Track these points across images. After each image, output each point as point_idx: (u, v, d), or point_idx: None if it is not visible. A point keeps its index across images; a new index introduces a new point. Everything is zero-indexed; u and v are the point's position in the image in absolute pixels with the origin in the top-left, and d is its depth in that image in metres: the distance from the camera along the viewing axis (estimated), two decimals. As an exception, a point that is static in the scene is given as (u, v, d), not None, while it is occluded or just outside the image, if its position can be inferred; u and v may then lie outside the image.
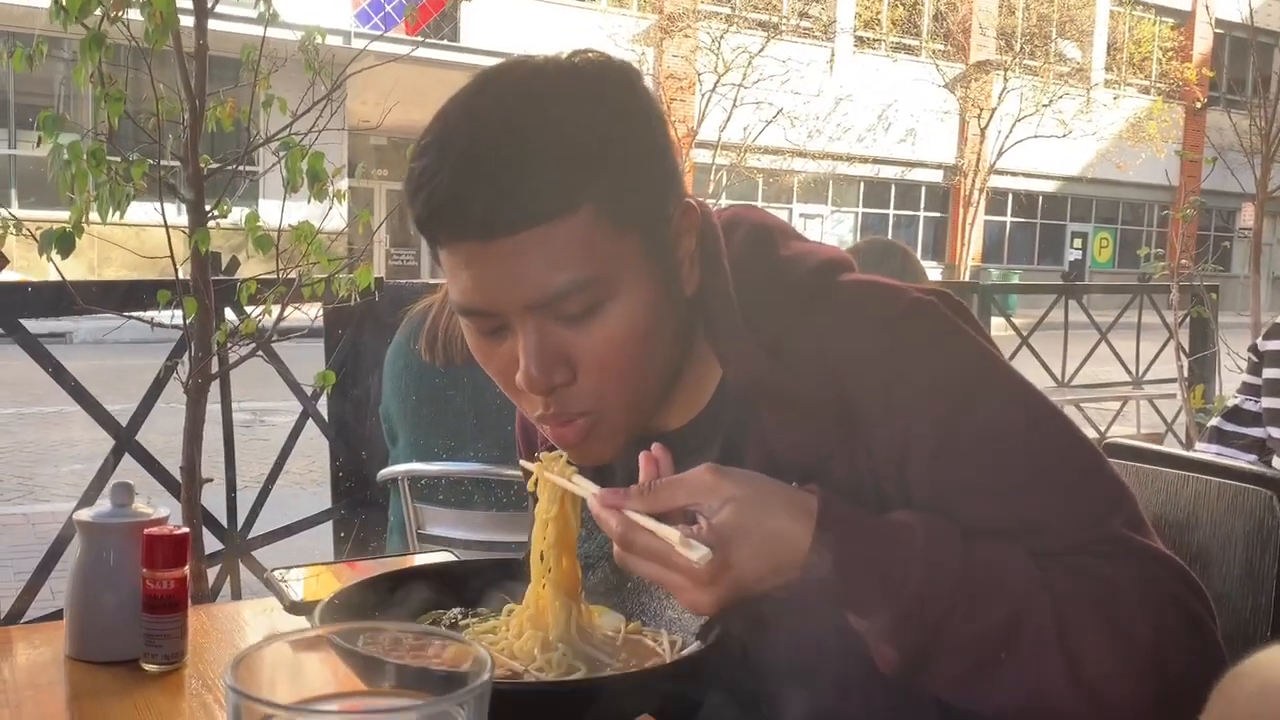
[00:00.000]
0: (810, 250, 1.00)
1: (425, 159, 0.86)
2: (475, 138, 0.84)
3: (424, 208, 0.86)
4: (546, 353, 0.87)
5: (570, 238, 0.84)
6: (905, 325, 0.92)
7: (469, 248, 0.85)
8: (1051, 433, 0.91)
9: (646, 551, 0.83)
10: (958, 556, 0.84)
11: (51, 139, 2.23)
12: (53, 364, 2.78)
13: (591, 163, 0.85)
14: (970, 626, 0.83)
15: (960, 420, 0.89)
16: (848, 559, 0.83)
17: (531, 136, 0.84)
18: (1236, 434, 2.40)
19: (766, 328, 0.94)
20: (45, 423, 6.78)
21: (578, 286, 0.85)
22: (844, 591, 0.84)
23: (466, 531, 2.45)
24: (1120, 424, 6.26)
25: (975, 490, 0.88)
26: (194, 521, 2.49)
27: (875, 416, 0.90)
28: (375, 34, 4.27)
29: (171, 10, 2.12)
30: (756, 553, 0.83)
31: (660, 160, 0.91)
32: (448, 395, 2.33)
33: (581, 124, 0.85)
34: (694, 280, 0.94)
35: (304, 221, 2.54)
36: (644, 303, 0.88)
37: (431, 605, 1.02)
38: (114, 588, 1.12)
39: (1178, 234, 7.15)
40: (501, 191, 0.83)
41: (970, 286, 6.54)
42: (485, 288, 0.86)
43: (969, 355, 0.92)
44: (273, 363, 3.01)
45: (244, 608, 1.51)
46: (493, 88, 0.88)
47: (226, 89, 2.63)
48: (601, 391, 0.89)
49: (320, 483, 4.17)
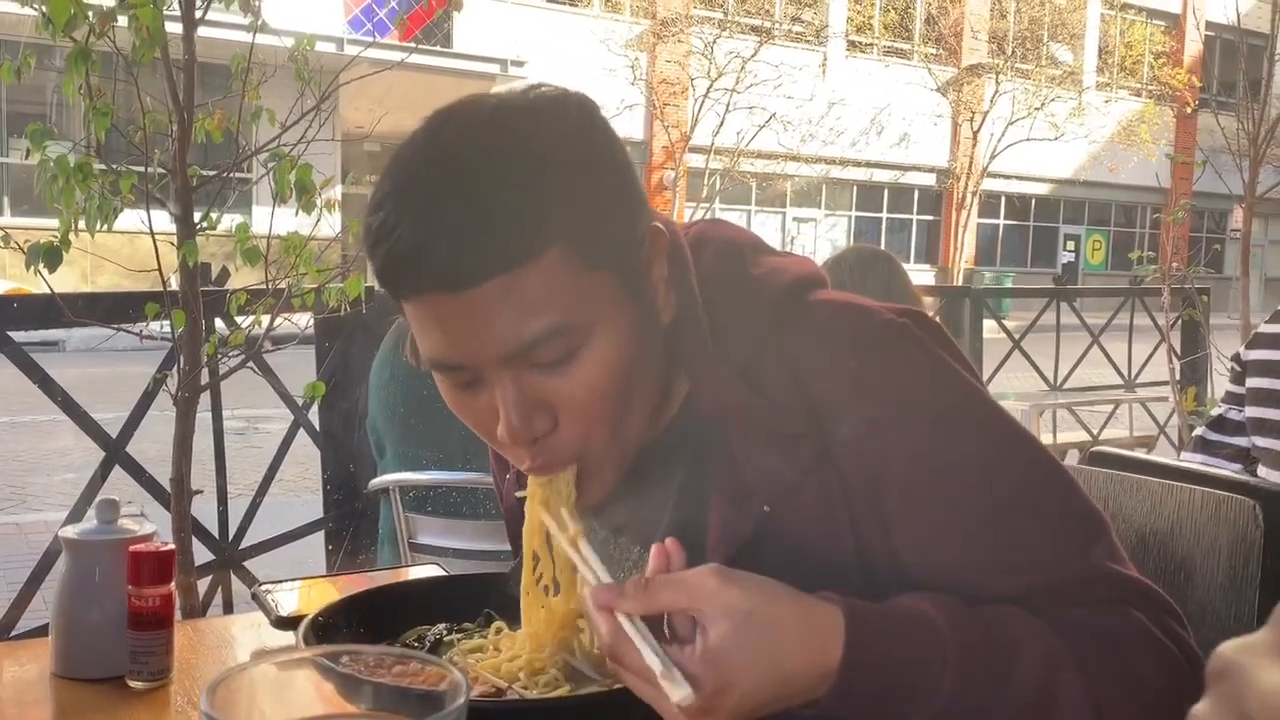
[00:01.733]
0: (780, 266, 0.97)
1: (383, 211, 0.81)
2: (433, 185, 0.81)
3: (384, 261, 0.82)
4: (526, 402, 0.84)
5: (540, 282, 0.81)
6: (877, 349, 0.89)
7: (435, 300, 0.82)
8: (1027, 460, 0.90)
9: (634, 667, 0.78)
10: (980, 634, 0.81)
11: (39, 151, 2.23)
12: (41, 375, 2.77)
13: (555, 202, 0.81)
14: (1005, 704, 0.80)
15: (934, 448, 0.87)
16: (882, 670, 0.78)
17: (491, 180, 0.80)
18: (1221, 443, 2.40)
19: (737, 349, 0.91)
20: (38, 431, 6.77)
21: (553, 333, 0.82)
22: (879, 702, 0.79)
23: (457, 541, 2.45)
24: (1112, 427, 6.26)
25: (952, 520, 0.86)
26: (184, 534, 2.48)
27: (846, 442, 0.88)
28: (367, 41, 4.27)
29: (159, 25, 2.12)
30: (760, 681, 0.76)
31: (624, 189, 0.88)
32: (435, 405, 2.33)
33: (542, 163, 0.82)
34: (670, 306, 0.91)
35: (293, 232, 2.54)
36: (622, 340, 0.85)
37: (417, 621, 1.02)
38: (99, 605, 1.12)
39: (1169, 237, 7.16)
40: (464, 239, 0.79)
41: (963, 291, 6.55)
42: (456, 341, 0.83)
43: (942, 380, 0.90)
44: (263, 373, 3.00)
45: (232, 623, 1.50)
46: (447, 132, 0.84)
47: (216, 99, 2.63)
48: (586, 436, 0.86)
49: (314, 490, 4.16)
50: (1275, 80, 5.45)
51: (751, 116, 19.06)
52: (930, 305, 5.82)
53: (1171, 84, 23.40)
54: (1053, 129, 22.22)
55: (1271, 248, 27.64)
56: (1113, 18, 25.30)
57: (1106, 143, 23.83)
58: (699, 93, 18.89)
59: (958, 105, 22.56)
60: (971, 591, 0.84)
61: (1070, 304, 6.53)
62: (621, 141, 0.90)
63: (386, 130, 10.30)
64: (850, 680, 0.77)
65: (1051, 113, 22.13)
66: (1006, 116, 21.87)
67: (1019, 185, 24.56)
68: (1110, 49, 25.36)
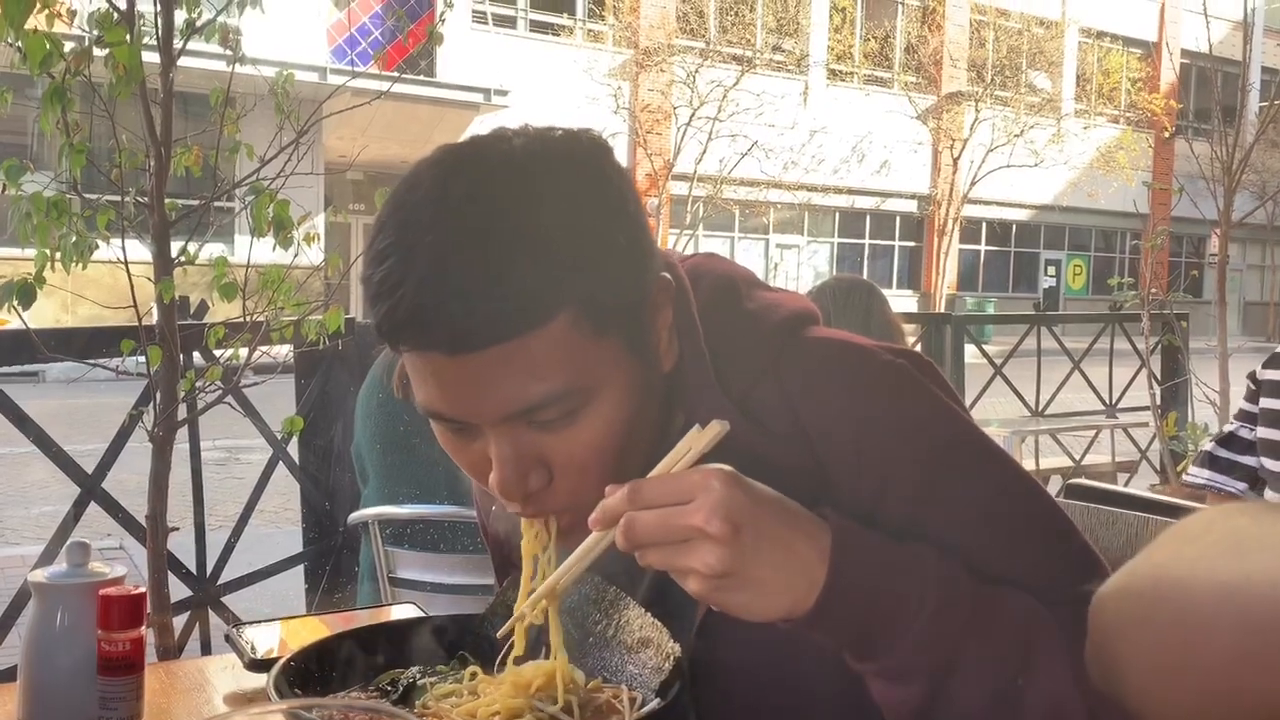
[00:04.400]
0: (776, 302, 0.97)
1: (387, 264, 0.78)
2: (441, 244, 0.78)
3: (386, 317, 0.79)
4: (522, 461, 0.83)
5: (546, 348, 0.79)
6: (876, 388, 0.90)
7: (435, 359, 0.80)
8: (1023, 498, 0.90)
9: (659, 497, 0.77)
10: (966, 575, 0.82)
11: (14, 187, 2.22)
12: (16, 413, 2.75)
13: (566, 267, 0.79)
14: (988, 648, 0.80)
15: (933, 486, 0.87)
16: (866, 584, 0.79)
17: (502, 243, 0.78)
18: (1230, 461, 2.36)
19: (735, 382, 0.91)
20: (15, 463, 6.70)
21: (554, 399, 0.81)
22: (861, 620, 0.79)
23: (437, 575, 2.44)
24: (1094, 452, 6.29)
25: (950, 555, 0.85)
26: (159, 572, 2.46)
27: (843, 480, 0.88)
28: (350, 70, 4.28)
29: (135, 63, 2.11)
30: (772, 550, 0.77)
31: (635, 243, 0.85)
32: (416, 441, 2.32)
33: (555, 224, 0.79)
34: (673, 354, 0.91)
35: (273, 265, 2.53)
36: (624, 400, 0.84)
37: (391, 663, 1.01)
38: (69, 650, 1.10)
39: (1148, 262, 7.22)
40: (472, 305, 0.77)
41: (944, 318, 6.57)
42: (453, 400, 0.82)
43: (939, 420, 0.91)
44: (242, 407, 2.98)
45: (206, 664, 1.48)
46: (456, 185, 0.80)
47: (195, 133, 2.62)
48: (579, 493, 0.85)
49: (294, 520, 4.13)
50: (1248, 107, 5.53)
51: (734, 144, 19.19)
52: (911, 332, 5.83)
53: (1149, 110, 23.68)
54: (1032, 155, 22.45)
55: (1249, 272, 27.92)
56: (1090, 45, 25.61)
57: (1086, 169, 24.07)
58: (682, 121, 19.01)
59: (938, 133, 22.78)
60: None
61: (1051, 329, 6.56)
62: (633, 184, 0.88)
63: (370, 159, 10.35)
64: (838, 578, 0.77)
65: (1031, 139, 22.36)
66: (986, 143, 22.09)
67: (1000, 211, 24.76)
68: (1088, 76, 25.67)
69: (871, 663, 0.82)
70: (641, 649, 0.97)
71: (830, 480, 0.88)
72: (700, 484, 0.76)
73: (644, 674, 0.95)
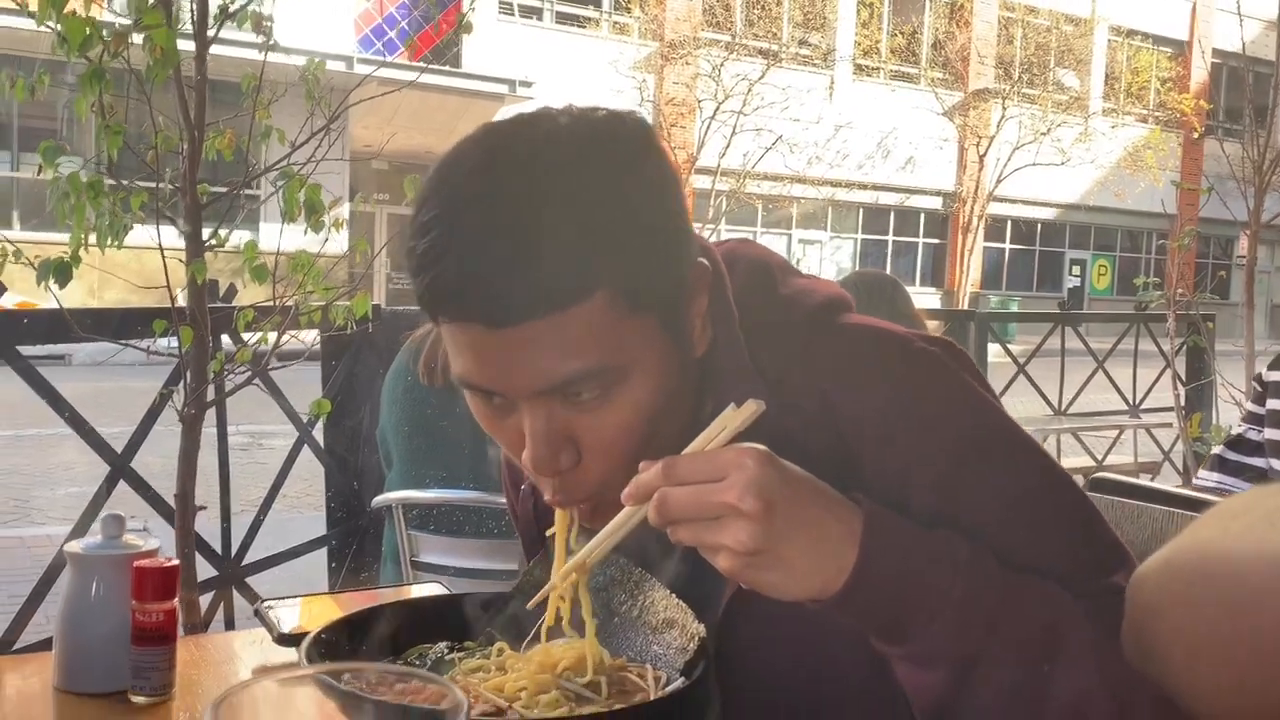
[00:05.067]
0: (809, 288, 0.97)
1: (430, 236, 0.80)
2: (484, 218, 0.79)
3: (427, 288, 0.81)
4: (554, 436, 0.84)
5: (583, 325, 0.80)
6: (908, 376, 0.90)
7: (473, 332, 0.81)
8: (1053, 489, 0.90)
9: (693, 474, 0.77)
10: (995, 563, 0.82)
11: (52, 169, 2.25)
12: (49, 392, 2.79)
13: (608, 245, 0.80)
14: (1015, 635, 0.80)
15: (962, 475, 0.87)
16: (895, 568, 0.78)
17: (544, 220, 0.79)
18: (1239, 463, 2.36)
19: (768, 367, 0.91)
20: (42, 445, 6.78)
21: (589, 375, 0.81)
22: (889, 604, 0.79)
23: (460, 559, 2.46)
24: (1117, 453, 6.26)
25: (979, 543, 0.85)
26: (187, 550, 2.49)
27: (873, 466, 0.88)
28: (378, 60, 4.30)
29: (172, 45, 2.14)
30: (803, 530, 0.77)
31: (675, 227, 0.87)
32: (443, 423, 2.34)
33: (597, 202, 0.80)
34: (705, 340, 0.91)
35: (301, 250, 2.55)
36: (657, 382, 0.85)
37: (419, 639, 1.02)
38: (103, 619, 1.12)
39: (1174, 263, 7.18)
40: (512, 279, 0.78)
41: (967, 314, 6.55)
42: (489, 372, 0.83)
43: (972, 408, 0.91)
44: (269, 390, 3.01)
45: (234, 639, 1.51)
46: (501, 162, 0.82)
47: (227, 117, 2.65)
48: (608, 474, 0.86)
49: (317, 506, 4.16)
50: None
51: (758, 138, 19.13)
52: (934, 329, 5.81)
53: (1178, 109, 23.46)
54: (1059, 154, 22.28)
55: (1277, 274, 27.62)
56: (1119, 44, 25.39)
57: (1113, 168, 23.87)
58: (706, 114, 18.97)
59: (964, 129, 22.63)
60: None
61: (1075, 329, 6.52)
62: (675, 168, 0.90)
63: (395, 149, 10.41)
64: (868, 561, 0.77)
65: (1058, 138, 22.20)
66: (1013, 141, 21.93)
67: (1025, 210, 24.59)
68: (1117, 75, 25.44)
69: (898, 647, 0.82)
70: (666, 630, 0.98)
71: (860, 466, 0.88)
72: (735, 461, 0.76)
73: (668, 654, 0.96)
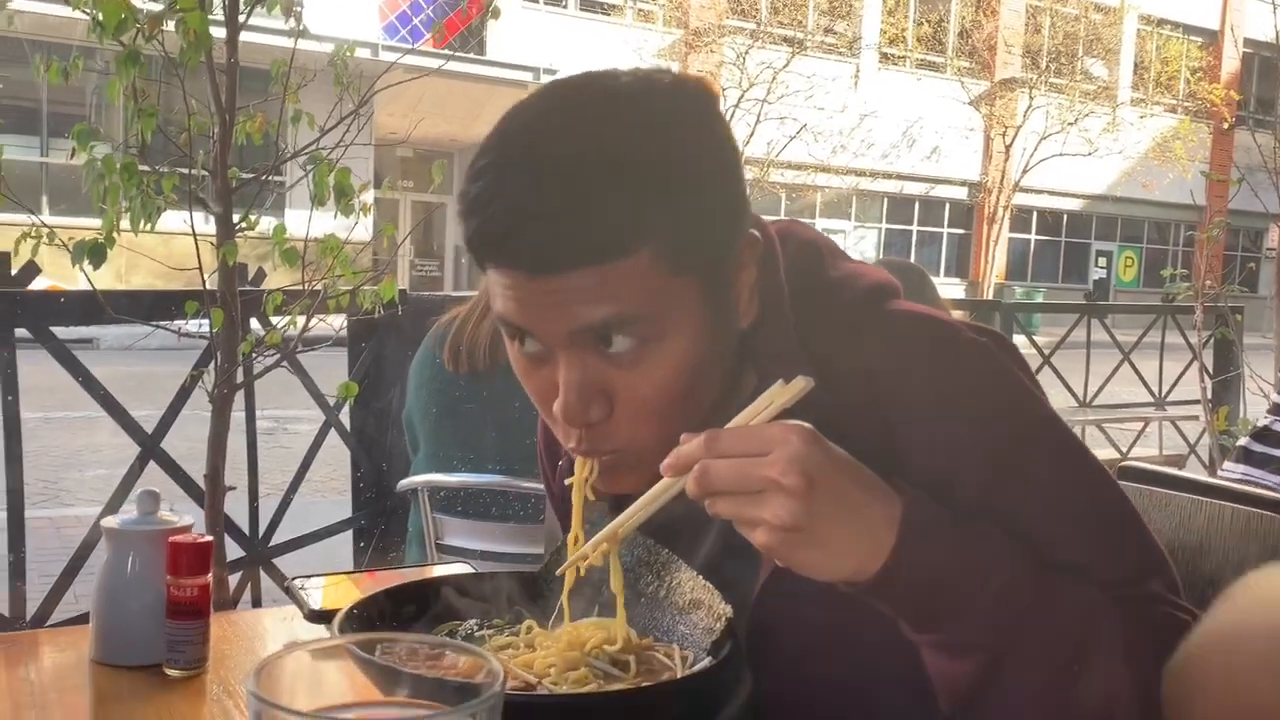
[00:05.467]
0: (858, 272, 0.97)
1: (482, 181, 0.81)
2: (536, 168, 0.80)
3: (476, 233, 0.82)
4: (586, 387, 0.84)
5: (625, 279, 0.80)
6: (957, 365, 0.90)
7: (517, 277, 0.82)
8: (1095, 488, 0.90)
9: (736, 447, 0.77)
10: (1032, 559, 0.82)
11: (86, 152, 2.28)
12: (82, 372, 2.82)
13: (656, 203, 0.80)
14: (1047, 632, 0.80)
15: (1006, 467, 0.87)
16: (932, 555, 0.78)
17: (595, 172, 0.79)
18: (1264, 455, 2.35)
19: (814, 348, 0.91)
20: (71, 428, 6.85)
21: (624, 320, 0.82)
22: (923, 591, 0.79)
23: (485, 543, 2.47)
24: (1142, 445, 6.21)
25: (1018, 539, 0.85)
26: (216, 529, 2.52)
27: (917, 453, 0.87)
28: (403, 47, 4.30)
29: (205, 28, 2.16)
30: (843, 510, 0.77)
31: (728, 195, 0.87)
32: (468, 408, 2.35)
33: (649, 162, 0.81)
34: (751, 313, 0.91)
35: (330, 234, 2.57)
36: (694, 345, 0.85)
37: (448, 616, 1.03)
38: (139, 594, 1.14)
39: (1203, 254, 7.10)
40: (558, 229, 0.79)
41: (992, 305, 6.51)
42: (528, 315, 0.83)
43: (1018, 402, 0.90)
44: (297, 373, 3.04)
45: (264, 615, 1.53)
46: (559, 111, 0.83)
47: (256, 102, 2.67)
48: (636, 432, 0.86)
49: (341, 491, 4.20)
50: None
51: (782, 127, 19.06)
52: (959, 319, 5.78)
53: (1209, 99, 23.18)
54: (1086, 144, 22.08)
55: (1308, 267, 27.26)
56: (1149, 33, 25.10)
57: (1141, 159, 23.63)
58: (730, 103, 18.90)
59: (990, 119, 22.46)
60: None
61: (1101, 320, 6.48)
62: (734, 138, 0.89)
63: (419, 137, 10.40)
64: (907, 546, 0.77)
65: (1085, 128, 21.99)
66: (1040, 131, 21.75)
67: (1051, 200, 24.40)
68: (1146, 64, 25.16)
69: (929, 634, 0.82)
70: (693, 610, 0.98)
71: (904, 453, 0.88)
72: (779, 437, 0.76)
73: (695, 634, 0.97)
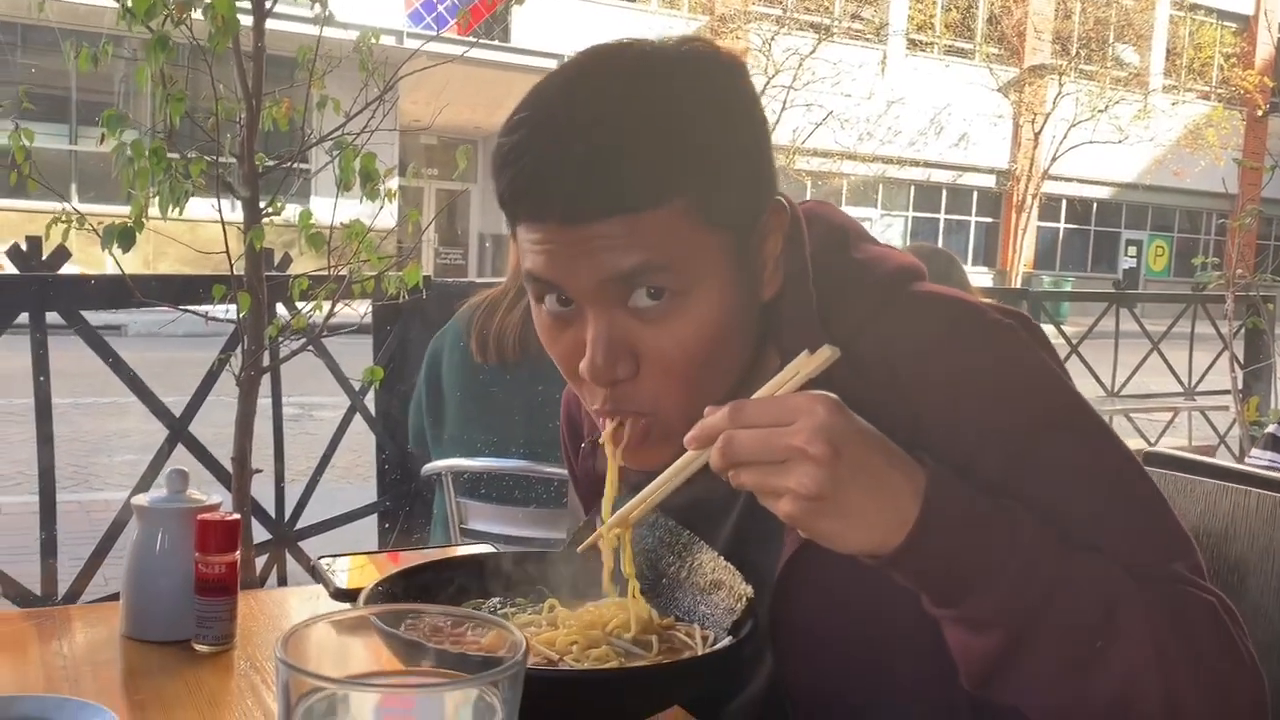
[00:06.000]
0: (884, 254, 0.97)
1: (517, 134, 0.83)
2: (570, 118, 0.82)
3: (509, 185, 0.84)
4: (614, 344, 0.85)
5: (656, 229, 0.82)
6: (983, 345, 0.89)
7: (549, 229, 0.83)
8: (1122, 470, 0.89)
9: (761, 417, 0.77)
10: (1055, 535, 0.81)
11: (115, 137, 2.31)
12: (111, 355, 2.86)
13: (688, 156, 0.82)
14: (1070, 609, 0.79)
15: (1031, 448, 0.87)
16: (955, 529, 0.78)
17: (628, 123, 0.82)
18: None
19: (838, 328, 0.91)
20: (101, 413, 6.93)
21: (654, 269, 0.83)
22: (946, 564, 0.79)
23: (508, 527, 2.49)
24: (1171, 435, 6.16)
25: (1041, 520, 0.85)
26: (243, 510, 2.55)
27: (940, 434, 0.87)
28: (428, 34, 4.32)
29: (232, 14, 2.18)
30: (868, 480, 0.76)
31: (757, 159, 0.89)
32: (494, 392, 2.37)
33: (682, 116, 0.83)
34: (775, 284, 0.92)
35: (355, 220, 2.59)
36: (720, 305, 0.86)
37: (471, 594, 1.05)
38: (168, 571, 1.15)
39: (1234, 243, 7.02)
40: (590, 177, 0.81)
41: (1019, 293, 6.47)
42: (560, 265, 0.84)
43: (1044, 384, 0.90)
44: (322, 357, 3.07)
45: (291, 594, 1.55)
46: (594, 70, 0.86)
47: (282, 88, 2.69)
48: (662, 392, 0.87)
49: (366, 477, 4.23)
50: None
51: (808, 114, 18.96)
52: (985, 305, 5.75)
53: (1242, 86, 22.87)
54: (1117, 132, 21.83)
55: (1342, 256, 26.91)
56: (1182, 19, 24.79)
57: (1172, 146, 23.36)
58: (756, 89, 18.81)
59: (1019, 106, 22.25)
60: None
61: (1130, 309, 6.42)
62: (762, 108, 0.92)
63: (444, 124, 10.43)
64: (931, 518, 0.77)
65: (1116, 115, 21.74)
66: (1069, 118, 21.53)
67: (1080, 188, 24.16)
68: (1178, 50, 24.86)
69: (951, 609, 0.81)
70: (714, 590, 0.99)
71: (928, 433, 0.87)
72: (804, 407, 0.76)
73: (716, 614, 0.98)
